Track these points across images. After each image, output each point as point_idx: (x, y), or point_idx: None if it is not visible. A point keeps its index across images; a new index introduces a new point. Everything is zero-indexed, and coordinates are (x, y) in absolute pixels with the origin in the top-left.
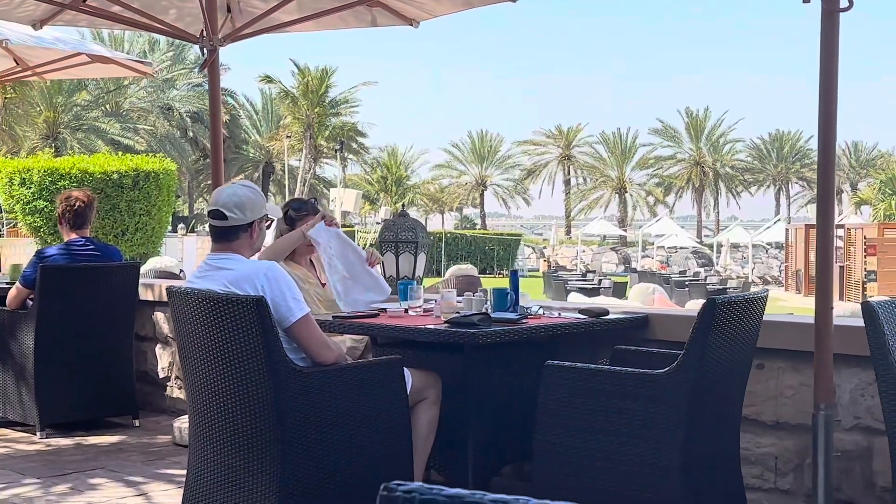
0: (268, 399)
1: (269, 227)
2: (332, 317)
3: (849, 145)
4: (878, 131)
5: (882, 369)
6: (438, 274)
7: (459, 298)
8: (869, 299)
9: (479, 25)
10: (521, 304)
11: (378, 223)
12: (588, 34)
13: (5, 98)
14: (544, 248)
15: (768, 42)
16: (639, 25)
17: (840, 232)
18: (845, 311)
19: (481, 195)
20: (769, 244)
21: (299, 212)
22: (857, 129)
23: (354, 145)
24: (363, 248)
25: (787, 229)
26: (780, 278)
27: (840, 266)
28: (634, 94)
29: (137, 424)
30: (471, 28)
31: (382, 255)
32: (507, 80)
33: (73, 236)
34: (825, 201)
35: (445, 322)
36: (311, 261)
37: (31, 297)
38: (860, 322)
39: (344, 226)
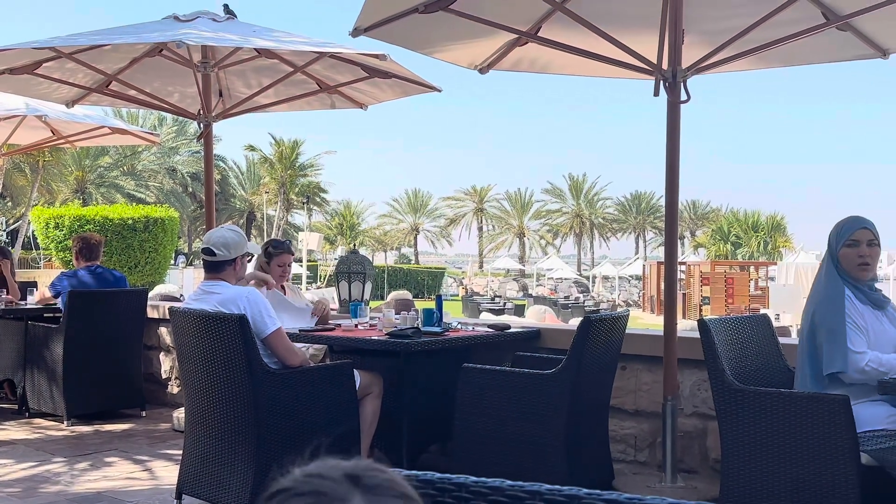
0: (247, 394)
1: (249, 261)
2: (299, 330)
3: (689, 203)
4: (711, 192)
5: (712, 370)
6: (382, 298)
7: (397, 316)
8: (704, 318)
9: (413, 107)
10: (444, 320)
11: (335, 259)
12: (496, 116)
13: (44, 160)
14: (463, 278)
15: (628, 123)
16: (534, 109)
17: (682, 267)
18: (686, 327)
19: (415, 238)
20: (631, 276)
21: (276, 249)
22: (695, 191)
23: (318, 199)
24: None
25: (643, 265)
26: (639, 302)
27: (682, 293)
28: (531, 162)
29: (144, 415)
30: (407, 109)
31: (338, 284)
32: (436, 150)
33: (85, 266)
34: (671, 245)
35: (386, 334)
36: (283, 286)
37: (55, 304)
38: (697, 335)
39: (309, 261)
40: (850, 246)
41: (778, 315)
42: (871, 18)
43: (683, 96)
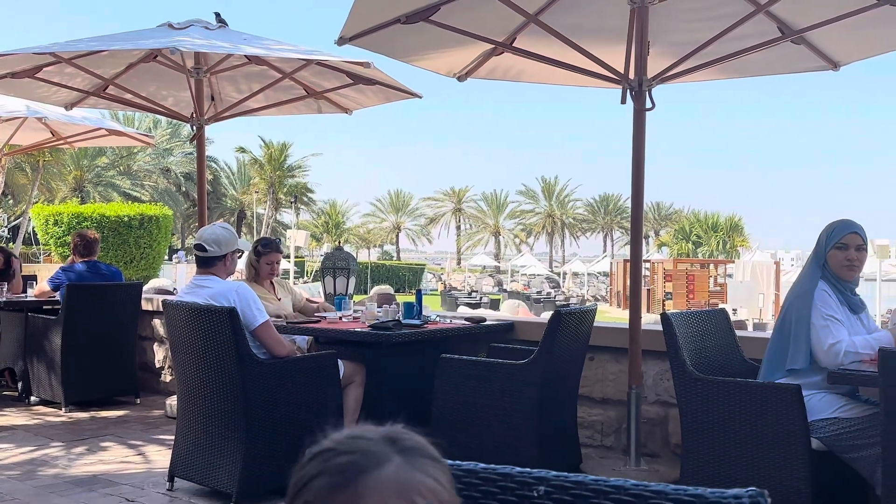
0: (237, 383)
1: (239, 257)
2: (286, 323)
3: (653, 204)
4: (674, 194)
5: (674, 361)
6: (365, 292)
7: (379, 309)
8: (666, 312)
9: (395, 113)
10: (423, 313)
11: (321, 255)
12: (474, 122)
13: (44, 160)
14: (442, 274)
15: (597, 129)
16: (509, 115)
17: (647, 265)
18: (650, 320)
19: (397, 236)
20: (599, 273)
21: (266, 248)
22: (659, 193)
23: (305, 199)
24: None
25: (611, 263)
26: (606, 297)
27: (647, 289)
28: (506, 165)
29: (138, 402)
30: (389, 114)
31: (324, 278)
32: (417, 153)
33: (82, 261)
34: (636, 244)
35: (369, 326)
36: (271, 283)
37: (55, 298)
38: (660, 328)
39: (297, 257)
40: (840, 248)
41: (735, 310)
42: (824, 33)
43: (649, 104)
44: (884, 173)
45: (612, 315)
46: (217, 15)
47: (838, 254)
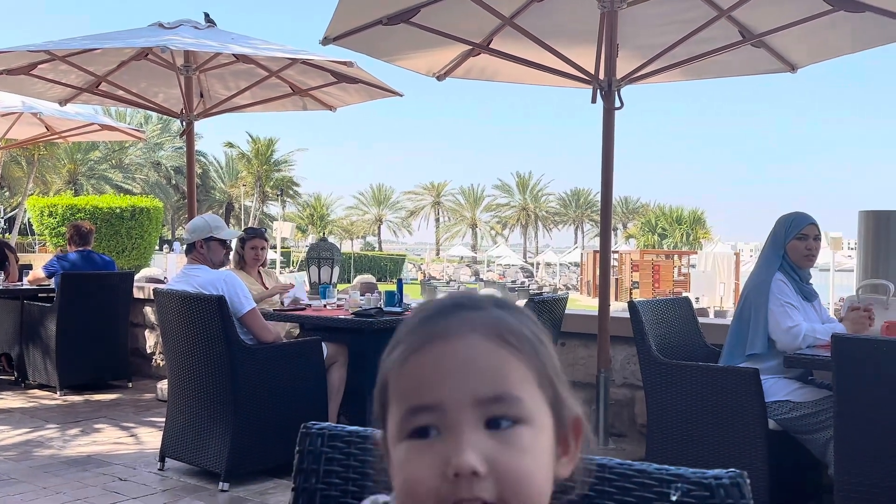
0: (225, 367)
1: (226, 251)
2: (273, 310)
3: (621, 198)
4: (641, 189)
5: (640, 346)
6: (348, 281)
7: (362, 297)
8: (633, 300)
9: (377, 110)
10: (404, 301)
11: (306, 246)
12: (453, 119)
13: (39, 154)
14: (422, 264)
15: (569, 127)
16: (486, 112)
17: (615, 256)
18: (618, 308)
19: (379, 228)
20: (570, 263)
21: (249, 234)
22: (627, 188)
23: (291, 192)
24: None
25: (581, 253)
26: (577, 286)
27: (615, 278)
28: (483, 161)
29: (130, 386)
30: (372, 112)
31: (309, 268)
32: (398, 149)
33: (76, 250)
34: (605, 235)
35: (352, 313)
36: (258, 271)
37: (48, 285)
38: (627, 315)
39: (283, 248)
40: (800, 239)
41: (698, 298)
42: (782, 37)
43: (618, 103)
44: (833, 170)
45: (582, 303)
46: (206, 15)
47: (798, 244)
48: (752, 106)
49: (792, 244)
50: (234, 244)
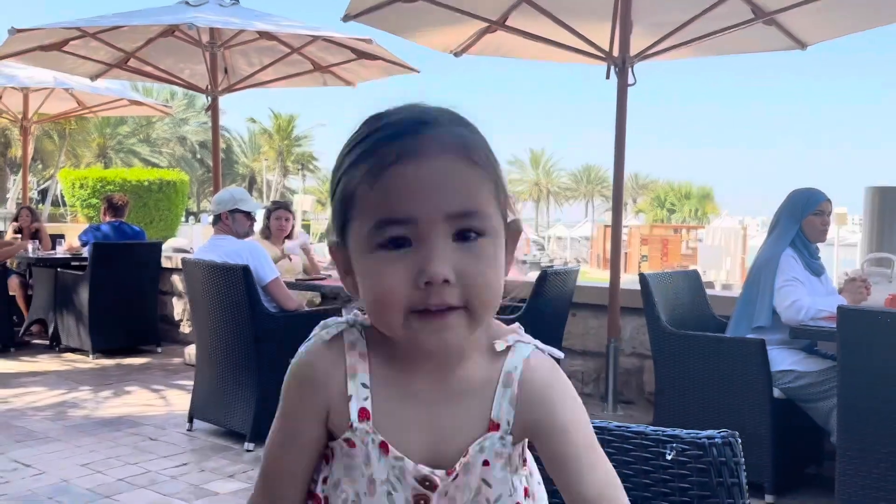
0: (249, 333)
1: (250, 222)
2: (295, 279)
3: (632, 174)
4: (651, 166)
5: (650, 317)
6: None
7: None
8: (643, 272)
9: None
10: None
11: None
12: (469, 96)
13: (70, 128)
14: None
15: (582, 103)
16: (501, 90)
17: (625, 230)
18: (628, 280)
19: None
20: (581, 237)
21: (275, 205)
22: (637, 164)
23: (311, 166)
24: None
25: (592, 228)
26: (587, 259)
27: (625, 252)
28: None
29: (160, 350)
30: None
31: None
32: None
33: (109, 221)
34: (616, 210)
35: None
36: (283, 241)
37: (82, 254)
38: (637, 287)
39: (303, 221)
40: (817, 214)
41: (705, 271)
42: (793, 15)
43: (631, 80)
44: (840, 146)
45: (592, 276)
46: None
47: (815, 219)
48: (760, 82)
49: (809, 219)
50: (259, 215)
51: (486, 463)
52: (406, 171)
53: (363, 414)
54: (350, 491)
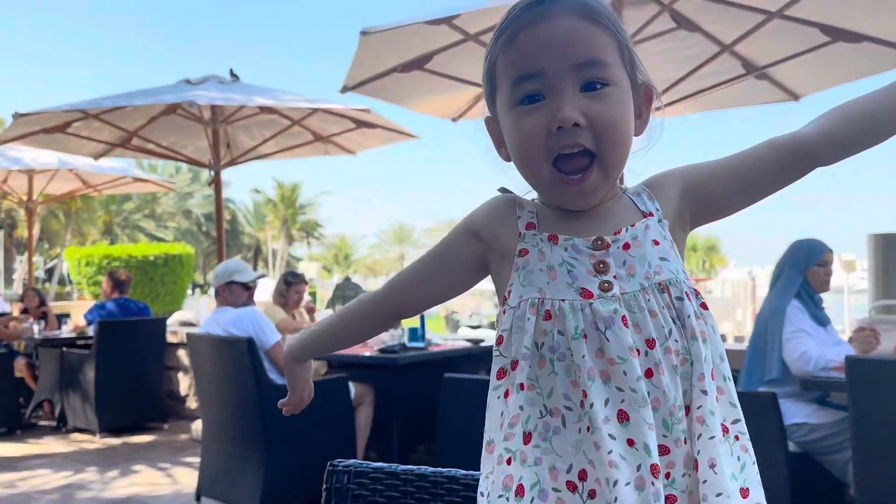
0: (256, 408)
1: (250, 290)
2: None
3: None
4: None
5: None
6: None
7: (386, 334)
8: None
9: (398, 153)
10: (427, 337)
11: (332, 285)
12: (470, 158)
13: (75, 207)
14: None
15: None
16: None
17: None
18: None
19: (401, 265)
20: None
21: (295, 279)
22: None
23: (316, 234)
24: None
25: None
26: None
27: None
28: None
29: (166, 427)
30: (392, 155)
31: (334, 307)
32: (416, 188)
33: (113, 298)
34: None
35: (377, 350)
36: (302, 311)
37: (88, 333)
38: None
39: (310, 289)
40: (821, 265)
41: (717, 324)
42: (784, 68)
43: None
44: (843, 192)
45: None
46: (231, 71)
47: (819, 270)
48: (759, 133)
49: (813, 270)
50: (269, 284)
51: (655, 242)
52: (534, 32)
53: (529, 226)
54: (533, 291)
